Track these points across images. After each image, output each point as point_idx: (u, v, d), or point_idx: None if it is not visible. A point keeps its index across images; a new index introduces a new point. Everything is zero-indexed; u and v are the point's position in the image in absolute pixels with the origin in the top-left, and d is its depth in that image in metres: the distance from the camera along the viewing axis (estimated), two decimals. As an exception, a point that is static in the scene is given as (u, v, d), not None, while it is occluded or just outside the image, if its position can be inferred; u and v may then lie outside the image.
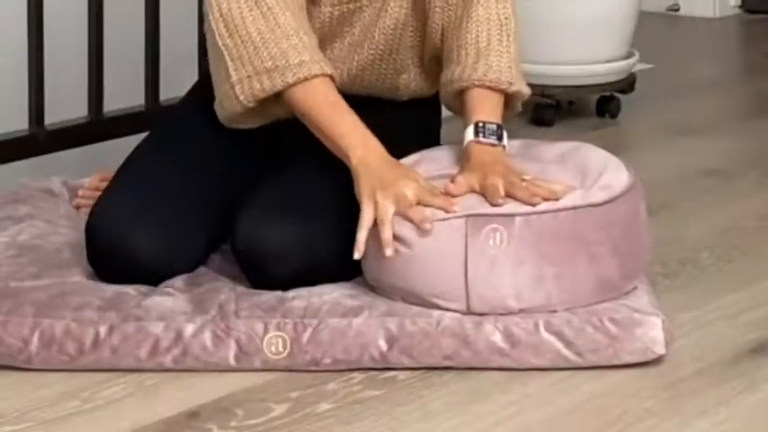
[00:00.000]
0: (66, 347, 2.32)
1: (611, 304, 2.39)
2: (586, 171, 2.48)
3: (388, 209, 2.39)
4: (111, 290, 2.46)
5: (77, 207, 2.88)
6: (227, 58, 2.57)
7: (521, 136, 2.78)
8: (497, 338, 2.32)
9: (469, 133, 2.56)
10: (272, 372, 2.31)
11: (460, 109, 2.65)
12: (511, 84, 2.61)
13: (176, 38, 3.47)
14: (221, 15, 2.57)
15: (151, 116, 3.29)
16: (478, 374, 2.31)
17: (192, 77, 3.11)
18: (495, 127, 2.55)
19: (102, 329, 2.33)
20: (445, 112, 2.88)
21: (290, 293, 2.43)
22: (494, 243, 2.35)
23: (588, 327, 2.33)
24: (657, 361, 2.33)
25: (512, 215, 2.35)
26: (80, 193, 2.92)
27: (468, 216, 2.35)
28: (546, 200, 2.42)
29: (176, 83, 3.25)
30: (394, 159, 2.50)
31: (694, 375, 2.31)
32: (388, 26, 2.71)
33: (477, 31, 2.65)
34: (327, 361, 2.32)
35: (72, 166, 3.22)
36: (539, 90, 3.60)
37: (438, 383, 2.29)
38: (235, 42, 2.57)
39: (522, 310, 2.35)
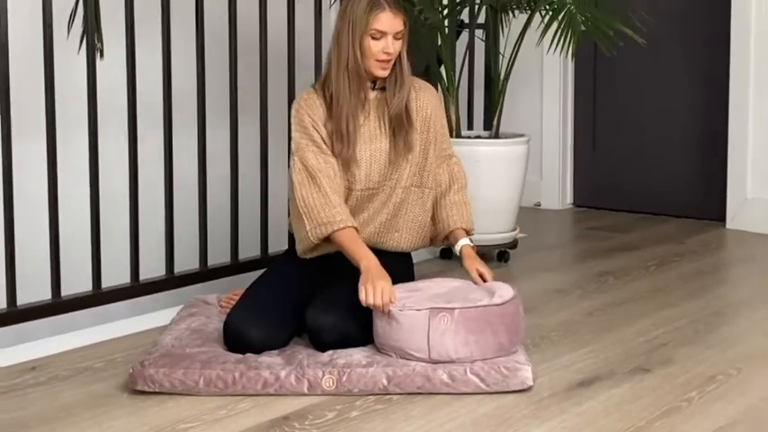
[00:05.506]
0: (217, 384, 2.29)
1: (505, 359, 2.36)
2: (491, 289, 2.50)
3: (371, 296, 2.39)
4: (240, 354, 2.43)
5: (221, 306, 2.86)
6: (305, 218, 2.56)
7: (459, 274, 2.78)
8: (445, 377, 2.32)
9: (466, 241, 2.70)
10: (326, 395, 2.29)
11: (443, 240, 2.76)
12: (472, 229, 2.74)
13: (281, 207, 3.45)
14: (302, 198, 2.57)
15: (264, 261, 3.27)
16: (435, 397, 2.30)
17: (282, 237, 3.14)
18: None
19: (237, 375, 2.30)
20: (416, 259, 2.89)
21: (335, 355, 2.39)
22: (443, 323, 2.37)
23: (493, 371, 2.32)
24: (528, 389, 2.33)
25: (453, 308, 2.37)
26: (222, 299, 2.90)
27: (430, 309, 2.37)
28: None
29: (278, 240, 3.25)
30: (381, 269, 2.46)
31: (548, 397, 2.30)
32: (395, 203, 2.69)
33: (459, 205, 2.76)
34: (356, 390, 2.31)
35: (220, 287, 3.20)
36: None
37: (414, 401, 2.27)
38: (307, 211, 2.56)
39: (458, 359, 2.36)
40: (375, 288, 2.40)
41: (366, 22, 2.55)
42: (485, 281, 2.58)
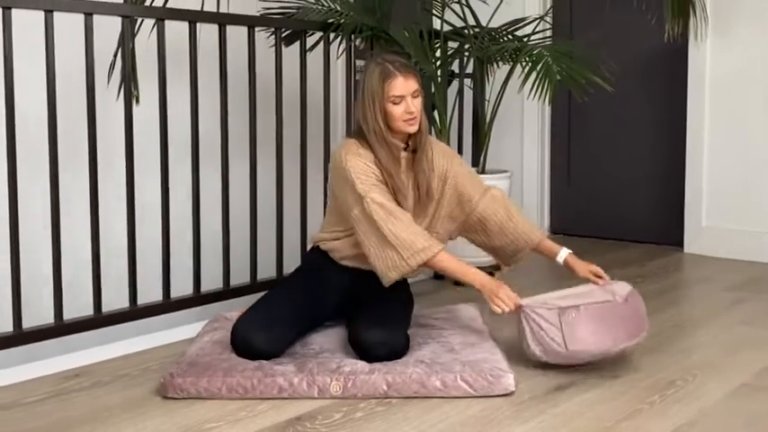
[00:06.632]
0: (238, 390, 2.29)
1: (490, 366, 2.34)
2: (613, 291, 2.54)
3: (504, 306, 2.43)
4: (257, 362, 2.40)
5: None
6: (399, 249, 2.42)
7: (473, 292, 2.72)
8: (438, 383, 2.31)
9: (567, 251, 2.67)
10: (334, 399, 2.30)
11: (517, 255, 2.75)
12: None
13: (294, 234, 3.40)
14: (391, 232, 2.42)
15: (277, 281, 3.26)
16: (430, 400, 2.29)
17: (295, 261, 3.11)
18: None
19: (255, 381, 2.30)
20: (411, 279, 2.86)
21: (342, 363, 2.36)
22: (572, 317, 2.41)
23: (480, 378, 2.31)
24: (511, 394, 2.32)
25: (578, 305, 2.43)
26: (237, 315, 2.83)
27: (559, 308, 2.43)
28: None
29: (292, 263, 3.17)
30: (492, 279, 2.45)
31: (529, 399, 2.30)
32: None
33: (527, 224, 2.73)
34: (360, 395, 2.30)
35: (240, 304, 3.09)
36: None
37: (411, 404, 2.27)
38: (400, 243, 2.43)
39: (593, 347, 2.42)
40: (502, 298, 2.42)
41: (383, 91, 2.46)
42: (600, 278, 2.60)
